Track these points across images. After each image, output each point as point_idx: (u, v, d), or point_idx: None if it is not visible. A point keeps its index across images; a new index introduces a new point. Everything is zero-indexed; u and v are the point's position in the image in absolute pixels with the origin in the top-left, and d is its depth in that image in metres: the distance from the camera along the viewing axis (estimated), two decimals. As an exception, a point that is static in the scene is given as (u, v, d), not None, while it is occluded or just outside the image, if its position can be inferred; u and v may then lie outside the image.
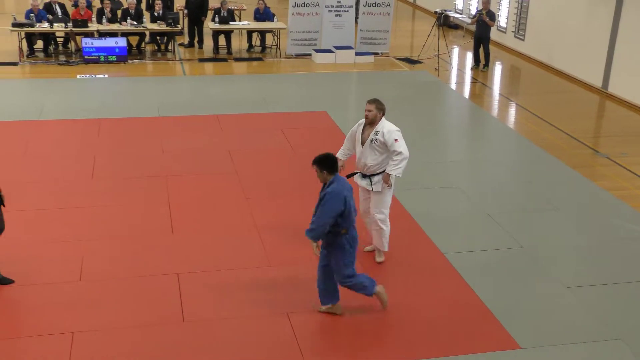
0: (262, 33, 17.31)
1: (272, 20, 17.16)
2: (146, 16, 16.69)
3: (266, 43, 17.37)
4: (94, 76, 14.61)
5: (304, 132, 11.42)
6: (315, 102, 13.20)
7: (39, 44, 16.14)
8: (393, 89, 14.25)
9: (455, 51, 18.27)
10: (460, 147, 11.26)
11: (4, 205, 6.72)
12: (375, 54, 17.20)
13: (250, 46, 17.36)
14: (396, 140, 6.92)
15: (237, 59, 16.60)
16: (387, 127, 7.00)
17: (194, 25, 17.25)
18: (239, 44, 17.97)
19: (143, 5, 17.54)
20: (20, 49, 15.54)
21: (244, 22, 17.31)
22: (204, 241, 7.77)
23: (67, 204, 8.51)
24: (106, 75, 14.70)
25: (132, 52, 16.35)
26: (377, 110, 7.01)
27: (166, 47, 16.94)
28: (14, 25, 15.29)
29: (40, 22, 15.62)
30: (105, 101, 12.85)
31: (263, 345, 6.04)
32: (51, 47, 16.22)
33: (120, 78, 14.75)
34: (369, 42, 17.40)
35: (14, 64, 15.26)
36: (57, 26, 15.59)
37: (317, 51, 16.68)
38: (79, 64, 15.48)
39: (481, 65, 16.29)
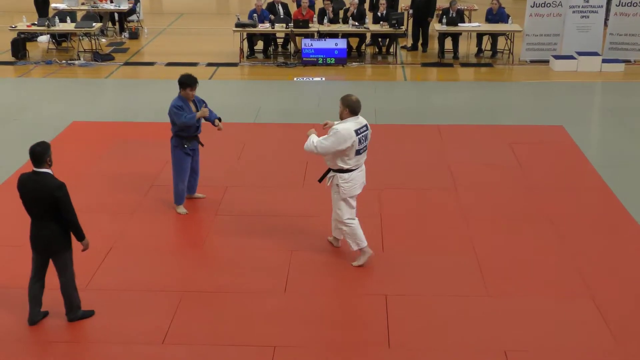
0: (494, 36, 17.02)
1: (506, 22, 16.81)
2: (369, 17, 17.14)
3: (498, 47, 17.06)
4: (311, 79, 15.28)
5: (535, 148, 11.04)
6: (551, 115, 12.71)
7: (259, 45, 17.23)
8: (646, 103, 13.33)
9: None
10: None
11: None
12: (627, 61, 16.18)
13: (480, 50, 17.14)
14: (328, 134, 7.31)
15: (463, 65, 16.48)
16: (340, 125, 7.31)
17: (419, 26, 17.40)
18: (467, 47, 17.83)
19: (366, 5, 18.04)
20: (241, 50, 16.69)
21: (475, 24, 17.15)
22: (415, 262, 7.79)
23: (277, 211, 8.94)
24: (323, 79, 15.30)
25: (351, 55, 16.87)
26: (342, 106, 7.38)
27: (387, 49, 17.26)
28: (237, 25, 16.47)
29: (262, 22, 16.66)
30: (321, 105, 13.37)
31: (475, 384, 5.91)
32: (270, 48, 17.23)
33: (338, 82, 15.27)
34: (620, 47, 16.40)
35: (234, 64, 16.42)
36: (278, 27, 16.54)
37: (556, 57, 16.05)
38: (297, 66, 16.28)
39: None
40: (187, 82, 8.38)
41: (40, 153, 6.30)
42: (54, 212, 6.32)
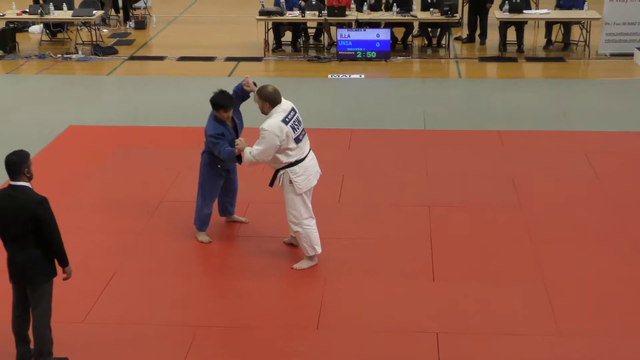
0: (567, 25, 16.95)
1: (581, 8, 16.73)
2: (416, 3, 17.16)
3: (571, 38, 16.98)
4: (348, 76, 15.34)
5: (616, 158, 10.97)
6: (635, 119, 12.61)
7: (287, 36, 17.33)
8: None
9: None
10: None
11: None
12: None
13: (549, 42, 17.08)
14: (260, 137, 7.67)
15: (529, 59, 16.43)
16: (267, 123, 7.71)
17: (476, 14, 17.39)
18: (533, 39, 17.77)
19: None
20: (266, 42, 16.81)
21: (543, 11, 17.09)
22: (471, 293, 7.76)
23: (308, 231, 8.99)
24: (362, 76, 15.35)
25: (395, 48, 16.91)
26: (261, 100, 7.82)
27: (439, 41, 17.27)
28: (261, 13, 16.60)
29: (291, 9, 16.78)
30: (360, 107, 13.40)
31: None
32: (300, 40, 17.34)
33: (380, 79, 15.29)
34: None
35: (258, 59, 16.55)
36: (309, 14, 16.63)
37: (642, 50, 15.98)
38: (331, 60, 16.35)
39: None
40: (221, 103, 8.22)
41: (16, 163, 6.26)
42: (34, 234, 6.29)
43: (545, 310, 7.46)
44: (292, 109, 7.87)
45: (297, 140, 7.81)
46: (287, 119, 7.73)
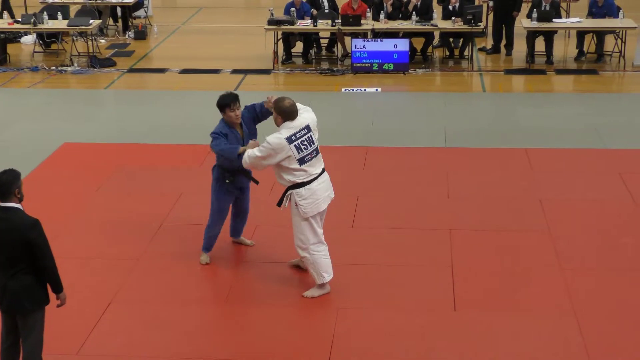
0: (600, 34, 16.96)
1: (616, 16, 16.75)
2: (437, 11, 17.22)
3: (604, 49, 16.99)
4: (363, 90, 15.39)
5: (653, 178, 10.97)
6: (675, 136, 12.63)
7: (298, 47, 17.41)
8: None
9: None
10: None
11: None
12: None
13: (581, 53, 17.10)
14: (263, 144, 7.78)
15: (559, 71, 16.45)
16: (271, 136, 7.78)
17: (501, 22, 17.43)
18: (564, 49, 17.78)
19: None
20: (275, 53, 16.89)
21: (574, 19, 17.12)
22: (497, 323, 7.77)
23: (319, 257, 9.02)
24: (379, 90, 15.39)
25: (414, 59, 16.96)
26: (275, 113, 7.90)
27: (461, 52, 17.31)
28: (270, 22, 16.68)
29: (302, 18, 16.86)
30: (376, 123, 13.43)
31: None
32: (312, 51, 17.41)
33: (398, 93, 15.33)
34: None
35: (266, 72, 16.62)
36: (321, 24, 16.71)
37: (682, 62, 15.98)
38: (345, 73, 16.41)
39: None
40: (223, 102, 8.29)
41: (7, 183, 6.24)
42: (25, 259, 6.29)
43: (577, 343, 7.45)
44: (306, 127, 7.86)
45: (302, 161, 7.82)
46: (293, 138, 7.74)
